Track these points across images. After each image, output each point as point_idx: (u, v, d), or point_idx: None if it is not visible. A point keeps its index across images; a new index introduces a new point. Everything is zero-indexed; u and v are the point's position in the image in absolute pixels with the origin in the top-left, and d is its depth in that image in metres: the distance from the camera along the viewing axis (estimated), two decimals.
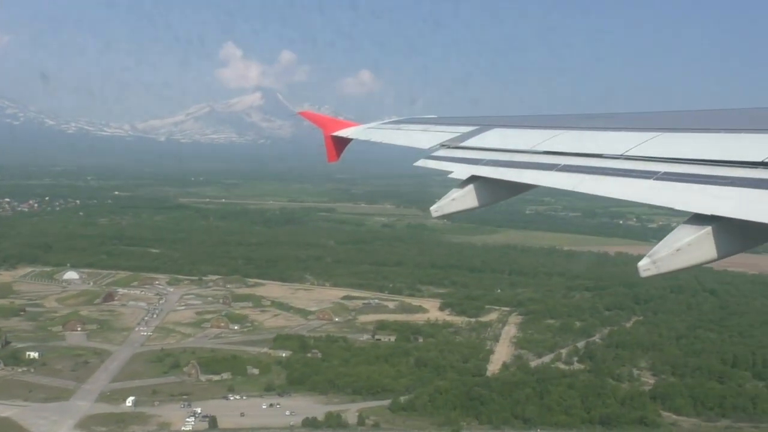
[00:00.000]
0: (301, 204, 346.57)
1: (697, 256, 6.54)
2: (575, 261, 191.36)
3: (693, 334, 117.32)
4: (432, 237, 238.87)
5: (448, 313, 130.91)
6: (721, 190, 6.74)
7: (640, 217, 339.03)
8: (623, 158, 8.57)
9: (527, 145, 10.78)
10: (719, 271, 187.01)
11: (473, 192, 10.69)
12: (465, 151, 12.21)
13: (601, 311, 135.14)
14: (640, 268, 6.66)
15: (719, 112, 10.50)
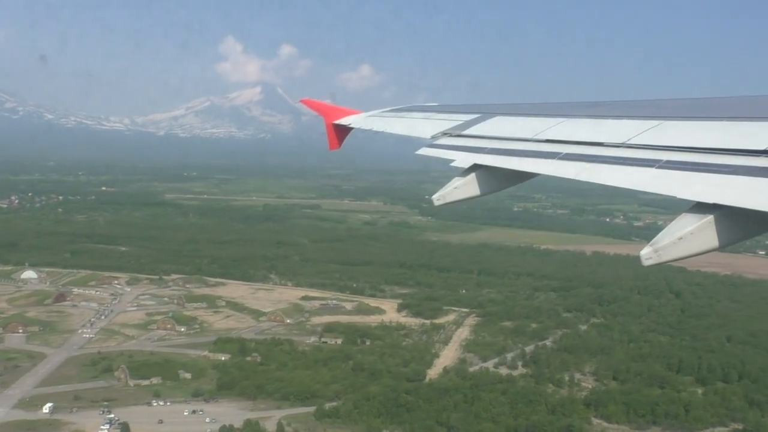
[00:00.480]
0: (287, 200, 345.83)
1: (699, 245, 6.62)
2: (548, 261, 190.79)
3: (645, 337, 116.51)
4: (410, 235, 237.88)
5: (405, 315, 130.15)
6: (724, 178, 6.84)
7: (627, 215, 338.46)
8: (625, 147, 8.70)
9: (529, 133, 10.96)
10: (692, 271, 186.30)
11: (475, 180, 10.75)
12: (467, 139, 12.31)
13: (560, 313, 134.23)
14: (642, 257, 6.73)
15: (721, 100, 10.58)
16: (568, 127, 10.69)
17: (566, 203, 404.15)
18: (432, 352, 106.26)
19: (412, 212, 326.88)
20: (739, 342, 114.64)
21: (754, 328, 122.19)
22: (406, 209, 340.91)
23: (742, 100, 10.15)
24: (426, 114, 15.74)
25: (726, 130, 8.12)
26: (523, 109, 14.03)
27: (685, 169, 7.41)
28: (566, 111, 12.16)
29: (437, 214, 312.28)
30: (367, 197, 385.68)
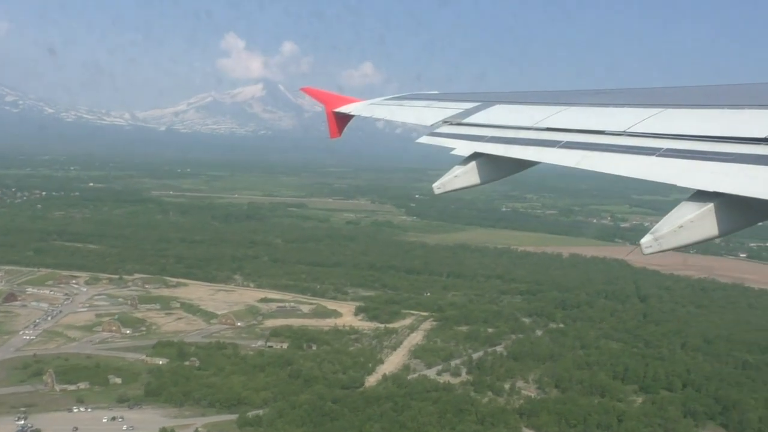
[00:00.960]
0: (275, 198, 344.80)
1: (699, 233, 6.66)
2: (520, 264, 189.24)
3: (597, 344, 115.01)
4: (389, 236, 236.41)
5: (361, 319, 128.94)
6: (724, 166, 6.88)
7: (615, 215, 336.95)
8: (626, 135, 8.79)
9: (530, 121, 10.98)
10: (665, 274, 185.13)
11: (475, 169, 10.83)
12: (467, 127, 12.39)
13: (519, 318, 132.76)
14: (642, 246, 6.83)
15: (722, 88, 10.61)
16: (569, 116, 10.78)
17: (557, 204, 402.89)
18: (377, 358, 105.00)
19: (399, 212, 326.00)
20: (693, 349, 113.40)
21: (711, 335, 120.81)
22: (394, 209, 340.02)
23: (742, 88, 10.16)
24: (427, 102, 15.82)
25: (727, 118, 8.17)
26: (523, 98, 14.13)
27: (686, 157, 7.48)
28: (567, 99, 12.21)
29: (423, 213, 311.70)
30: (357, 196, 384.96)
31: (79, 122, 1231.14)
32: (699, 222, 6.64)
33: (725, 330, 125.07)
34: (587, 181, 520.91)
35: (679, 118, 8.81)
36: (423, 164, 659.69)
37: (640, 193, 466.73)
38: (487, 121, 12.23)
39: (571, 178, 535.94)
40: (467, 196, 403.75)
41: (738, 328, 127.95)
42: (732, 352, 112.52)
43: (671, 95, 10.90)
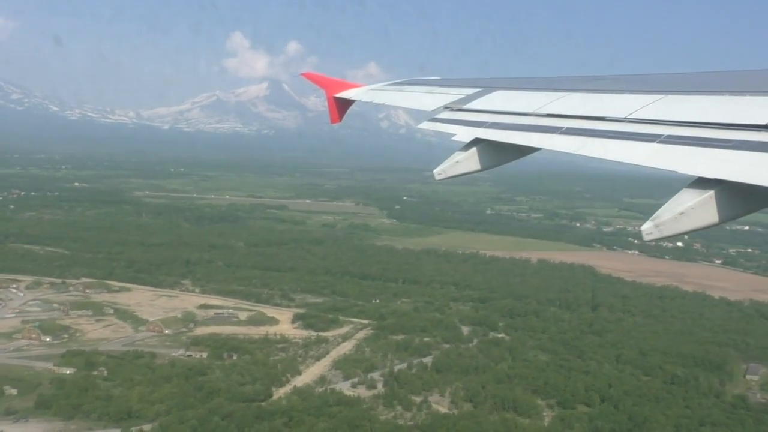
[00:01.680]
0: (258, 200, 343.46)
1: (699, 220, 6.72)
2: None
3: (527, 356, 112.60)
4: (361, 239, 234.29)
5: (296, 327, 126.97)
6: (725, 153, 6.93)
7: (599, 219, 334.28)
8: (627, 121, 8.83)
9: (530, 107, 10.98)
10: (628, 281, 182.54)
11: (476, 155, 10.93)
12: (468, 113, 12.45)
13: (458, 327, 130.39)
14: (643, 232, 6.97)
15: (723, 74, 10.54)
16: (570, 102, 10.71)
17: (546, 206, 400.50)
18: (297, 368, 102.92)
19: (381, 214, 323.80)
20: (625, 362, 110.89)
21: (648, 347, 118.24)
22: (377, 210, 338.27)
23: (744, 74, 10.05)
24: (428, 88, 15.81)
25: (728, 105, 8.17)
26: (524, 84, 14.01)
27: (687, 143, 7.48)
28: (568, 85, 12.13)
29: (404, 216, 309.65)
30: (344, 197, 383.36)
31: (83, 120, 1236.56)
32: (700, 209, 6.66)
33: (665, 341, 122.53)
34: (582, 183, 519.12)
35: (680, 104, 8.83)
36: (421, 164, 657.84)
37: (632, 196, 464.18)
38: (487, 107, 12.29)
39: (566, 180, 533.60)
40: (454, 198, 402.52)
41: (679, 339, 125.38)
42: (664, 365, 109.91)
43: (672, 82, 10.83)
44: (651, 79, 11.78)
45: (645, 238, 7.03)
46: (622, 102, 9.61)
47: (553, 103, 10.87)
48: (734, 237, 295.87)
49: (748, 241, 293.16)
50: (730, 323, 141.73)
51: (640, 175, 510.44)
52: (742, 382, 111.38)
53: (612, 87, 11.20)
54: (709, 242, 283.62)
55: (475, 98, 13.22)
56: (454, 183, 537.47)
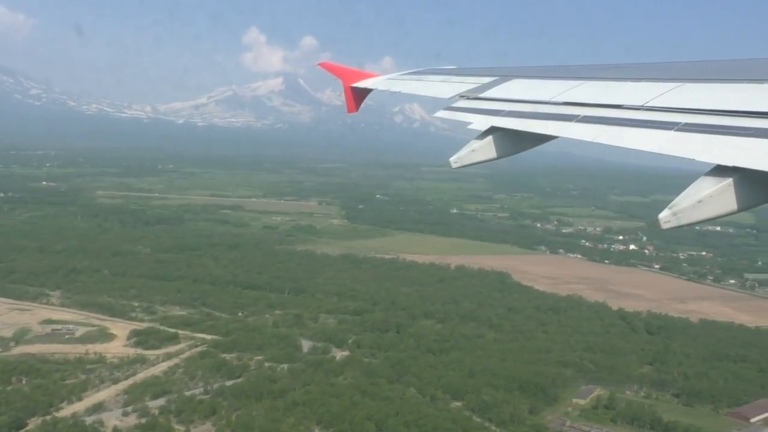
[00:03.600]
0: (219, 199, 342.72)
1: (718, 208, 6.77)
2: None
3: (334, 379, 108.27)
4: (288, 243, 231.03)
5: (130, 344, 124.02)
6: (744, 141, 6.95)
7: (567, 219, 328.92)
8: (644, 109, 8.86)
9: (547, 96, 11.01)
10: (537, 290, 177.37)
11: (492, 143, 11.01)
12: (484, 102, 12.47)
13: (299, 344, 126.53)
14: (660, 220, 7.06)
15: (741, 62, 10.46)
16: (587, 90, 10.71)
17: (520, 205, 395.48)
18: (80, 394, 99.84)
19: (339, 214, 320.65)
20: (444, 386, 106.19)
21: (481, 368, 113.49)
22: (338, 210, 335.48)
23: (763, 62, 9.89)
24: (444, 77, 15.95)
25: (747, 92, 8.15)
26: (540, 72, 13.97)
27: (705, 131, 7.52)
28: (584, 74, 12.01)
29: (361, 217, 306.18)
30: (315, 195, 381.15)
31: (99, 115, 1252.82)
32: (718, 197, 6.63)
33: (507, 361, 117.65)
34: (576, 179, 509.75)
35: (698, 92, 8.75)
36: (427, 160, 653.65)
37: (621, 194, 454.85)
38: (504, 96, 12.25)
39: (563, 175, 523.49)
40: (429, 197, 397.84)
41: (526, 358, 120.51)
42: (485, 388, 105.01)
43: (690, 69, 10.65)
44: (668, 67, 11.55)
45: (663, 226, 6.98)
46: (639, 90, 9.56)
47: (569, 92, 10.80)
48: (698, 239, 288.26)
49: (711, 243, 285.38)
50: (599, 339, 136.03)
51: (650, 169, 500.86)
52: (566, 407, 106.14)
53: (629, 75, 11.07)
54: (666, 244, 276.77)
55: (491, 87, 13.19)
56: (440, 179, 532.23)
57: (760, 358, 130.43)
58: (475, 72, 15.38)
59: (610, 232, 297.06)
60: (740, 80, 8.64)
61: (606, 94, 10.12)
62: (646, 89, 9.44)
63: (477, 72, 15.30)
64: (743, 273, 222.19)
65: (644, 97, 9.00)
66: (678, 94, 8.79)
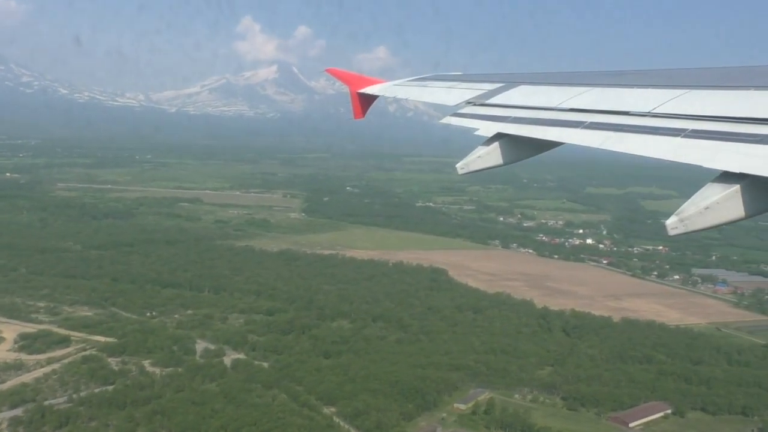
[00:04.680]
0: (184, 192, 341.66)
1: (725, 215, 6.80)
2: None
3: (208, 385, 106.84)
4: (233, 238, 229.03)
5: (13, 348, 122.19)
6: (751, 147, 6.96)
7: (532, 212, 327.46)
8: (650, 116, 8.92)
9: (553, 102, 11.39)
10: (470, 287, 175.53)
11: (498, 149, 11.30)
12: (490, 108, 12.79)
13: (193, 347, 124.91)
14: (668, 227, 7.07)
15: (748, 68, 10.56)
16: (593, 96, 10.94)
17: (490, 197, 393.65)
18: None
19: (300, 207, 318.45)
20: (323, 393, 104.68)
21: (365, 373, 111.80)
22: (300, 204, 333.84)
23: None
24: (450, 83, 16.04)
25: (753, 99, 8.16)
26: (547, 78, 14.23)
27: (712, 138, 7.54)
28: (591, 80, 12.17)
29: (321, 210, 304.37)
30: (282, 188, 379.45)
31: (91, 103, 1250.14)
32: (725, 203, 6.66)
33: (399, 365, 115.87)
34: (556, 171, 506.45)
35: (705, 99, 8.77)
36: (414, 150, 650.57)
37: (598, 185, 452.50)
38: (510, 102, 12.40)
39: (541, 166, 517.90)
40: (399, 189, 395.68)
41: (420, 361, 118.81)
42: (362, 393, 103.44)
43: (696, 76, 10.63)
44: (675, 74, 11.51)
45: (670, 233, 6.96)
46: (645, 96, 9.64)
47: (575, 98, 10.88)
48: (660, 233, 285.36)
49: (672, 237, 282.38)
50: (507, 340, 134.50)
51: (647, 162, 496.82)
52: (446, 412, 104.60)
53: (635, 82, 11.09)
54: (625, 238, 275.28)
55: (497, 93, 13.28)
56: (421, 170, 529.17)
57: (665, 359, 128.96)
58: (482, 78, 15.64)
59: (571, 225, 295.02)
60: (747, 87, 8.62)
61: (612, 101, 10.20)
62: (652, 96, 9.47)
63: (483, 78, 15.54)
64: (692, 268, 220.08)
65: (651, 104, 9.06)
66: (685, 101, 8.81)
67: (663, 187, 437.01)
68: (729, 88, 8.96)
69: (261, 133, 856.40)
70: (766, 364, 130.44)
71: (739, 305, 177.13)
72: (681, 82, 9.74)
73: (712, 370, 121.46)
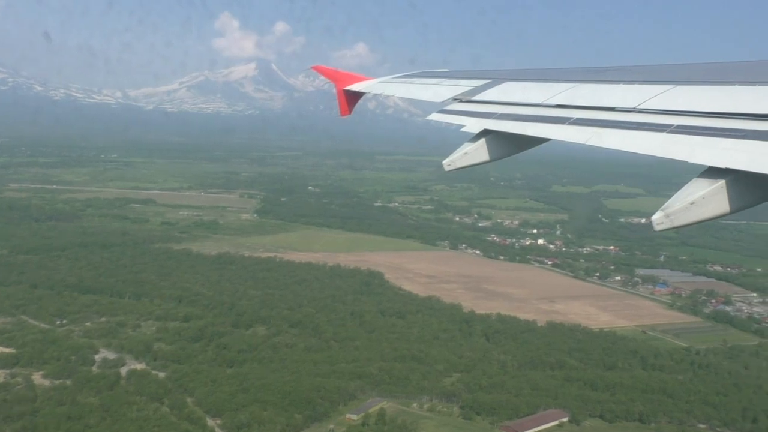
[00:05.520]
0: (134, 192, 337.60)
1: (711, 210, 6.81)
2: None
3: (90, 397, 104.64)
4: (176, 241, 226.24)
5: None
6: (736, 143, 7.04)
7: (482, 212, 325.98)
8: (636, 111, 9.01)
9: (539, 98, 11.49)
10: (402, 292, 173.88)
11: (485, 146, 11.47)
12: (477, 104, 13.09)
13: (92, 357, 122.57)
14: (653, 222, 7.02)
15: (733, 64, 10.82)
16: (579, 93, 11.02)
17: (452, 196, 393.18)
18: None
19: (254, 208, 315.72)
20: (212, 404, 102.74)
21: (261, 383, 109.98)
22: (257, 203, 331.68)
23: (753, 64, 10.16)
24: (437, 80, 16.40)
25: (738, 95, 8.24)
26: (533, 75, 14.37)
27: (697, 133, 7.64)
28: (577, 76, 12.34)
29: (274, 212, 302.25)
30: (242, 187, 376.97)
31: (66, 101, 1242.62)
32: (711, 198, 6.72)
33: (302, 374, 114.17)
34: (529, 169, 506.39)
35: (690, 94, 8.82)
36: (388, 149, 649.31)
37: (566, 183, 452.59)
38: (496, 99, 12.66)
39: (514, 164, 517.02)
40: (362, 188, 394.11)
41: (315, 370, 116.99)
42: (251, 405, 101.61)
43: (682, 72, 10.84)
44: (660, 70, 11.70)
45: (656, 228, 6.96)
46: (631, 92, 9.67)
47: (562, 94, 11.03)
48: (616, 232, 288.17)
49: (627, 236, 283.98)
50: (421, 346, 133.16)
51: (627, 159, 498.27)
52: (337, 423, 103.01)
53: (621, 78, 11.17)
54: (579, 238, 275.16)
55: (483, 89, 13.31)
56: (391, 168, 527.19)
57: (578, 364, 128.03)
58: (468, 75, 15.62)
59: (527, 225, 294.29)
60: (732, 82, 8.67)
61: (598, 97, 10.24)
62: (638, 92, 9.54)
63: (469, 75, 15.53)
64: (636, 269, 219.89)
65: (637, 100, 9.12)
66: (670, 97, 8.87)
67: (630, 185, 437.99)
68: (714, 84, 9.00)
69: (237, 130, 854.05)
70: (681, 368, 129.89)
71: (673, 307, 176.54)
72: (666, 78, 9.85)
73: (620, 376, 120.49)
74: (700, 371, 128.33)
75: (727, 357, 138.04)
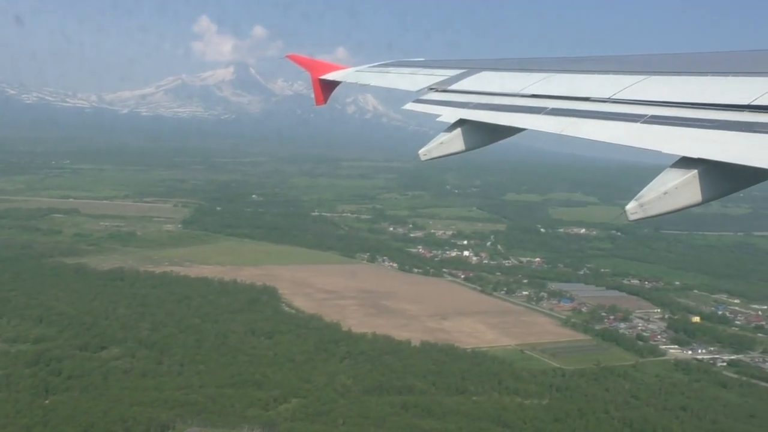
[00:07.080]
0: (62, 201, 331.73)
1: (683, 199, 6.88)
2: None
3: None
4: (74, 255, 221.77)
5: None
6: (708, 133, 7.13)
7: (417, 222, 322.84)
8: (611, 101, 9.12)
9: (515, 88, 11.63)
10: (289, 313, 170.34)
11: (460, 136, 11.62)
12: (453, 94, 13.23)
13: None
14: (627, 212, 7.02)
15: (706, 55, 10.87)
16: (554, 82, 11.23)
17: (400, 205, 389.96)
18: None
19: (182, 218, 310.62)
20: None
21: (71, 414, 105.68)
22: (188, 213, 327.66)
23: (726, 55, 10.31)
24: (413, 69, 16.72)
25: (710, 85, 8.35)
26: (509, 65, 14.58)
27: (670, 123, 7.69)
28: (552, 66, 12.69)
29: (202, 222, 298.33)
30: (179, 196, 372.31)
31: (39, 104, 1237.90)
32: (683, 188, 6.78)
33: (103, 404, 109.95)
34: (492, 176, 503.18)
35: (663, 84, 9.01)
36: (356, 155, 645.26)
37: (527, 191, 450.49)
38: (472, 88, 12.80)
39: (480, 171, 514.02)
40: (306, 197, 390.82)
41: (133, 398, 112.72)
42: None
43: (655, 62, 11.13)
44: (635, 60, 11.88)
45: (630, 217, 6.95)
46: (606, 82, 9.84)
47: (537, 84, 11.16)
48: (548, 243, 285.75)
49: (557, 248, 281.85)
50: (265, 369, 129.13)
51: (608, 162, 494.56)
52: None
53: (596, 68, 11.30)
54: (509, 249, 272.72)
55: (460, 79, 13.67)
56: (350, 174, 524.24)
57: (427, 389, 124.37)
58: (444, 64, 15.76)
59: (459, 236, 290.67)
60: (704, 73, 8.74)
61: (573, 87, 10.45)
62: (612, 81, 9.65)
63: (446, 64, 15.67)
64: (548, 283, 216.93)
65: (611, 90, 9.12)
66: (644, 87, 8.91)
67: (587, 193, 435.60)
68: (687, 74, 8.98)
69: (209, 135, 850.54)
70: (539, 391, 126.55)
71: (566, 324, 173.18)
72: (640, 68, 9.88)
73: (462, 402, 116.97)
74: (557, 395, 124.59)
75: (592, 379, 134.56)
